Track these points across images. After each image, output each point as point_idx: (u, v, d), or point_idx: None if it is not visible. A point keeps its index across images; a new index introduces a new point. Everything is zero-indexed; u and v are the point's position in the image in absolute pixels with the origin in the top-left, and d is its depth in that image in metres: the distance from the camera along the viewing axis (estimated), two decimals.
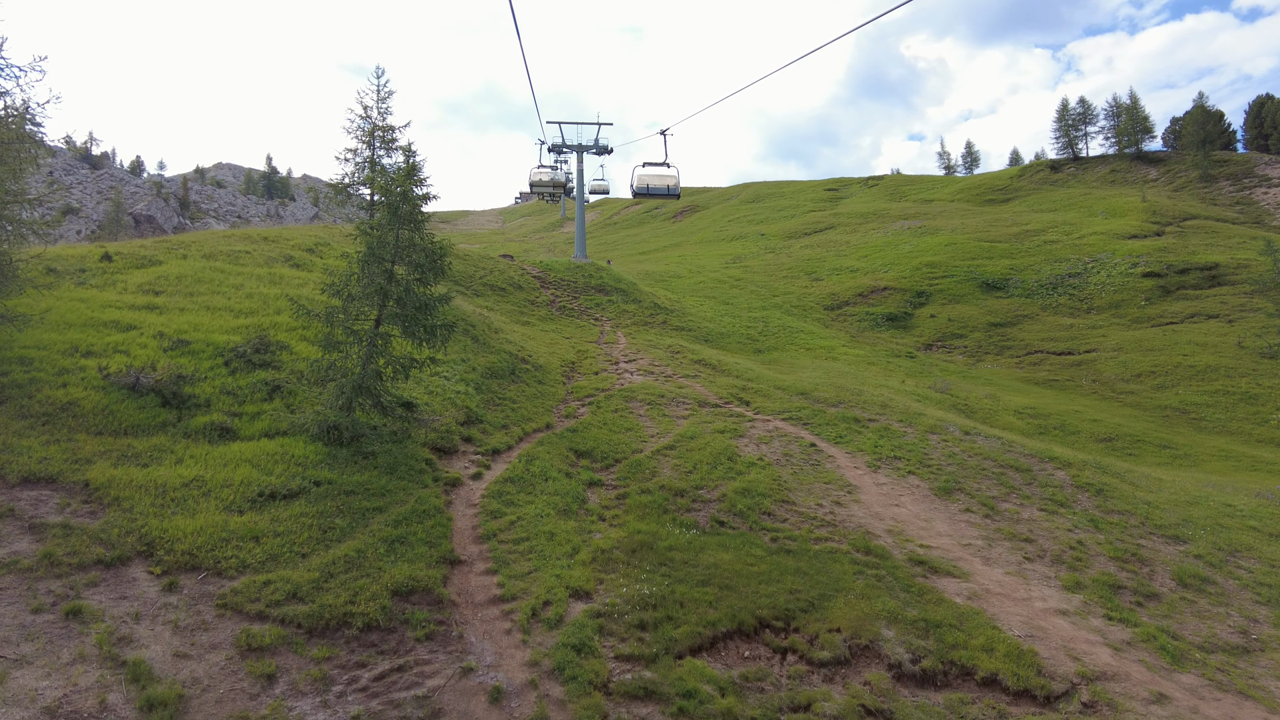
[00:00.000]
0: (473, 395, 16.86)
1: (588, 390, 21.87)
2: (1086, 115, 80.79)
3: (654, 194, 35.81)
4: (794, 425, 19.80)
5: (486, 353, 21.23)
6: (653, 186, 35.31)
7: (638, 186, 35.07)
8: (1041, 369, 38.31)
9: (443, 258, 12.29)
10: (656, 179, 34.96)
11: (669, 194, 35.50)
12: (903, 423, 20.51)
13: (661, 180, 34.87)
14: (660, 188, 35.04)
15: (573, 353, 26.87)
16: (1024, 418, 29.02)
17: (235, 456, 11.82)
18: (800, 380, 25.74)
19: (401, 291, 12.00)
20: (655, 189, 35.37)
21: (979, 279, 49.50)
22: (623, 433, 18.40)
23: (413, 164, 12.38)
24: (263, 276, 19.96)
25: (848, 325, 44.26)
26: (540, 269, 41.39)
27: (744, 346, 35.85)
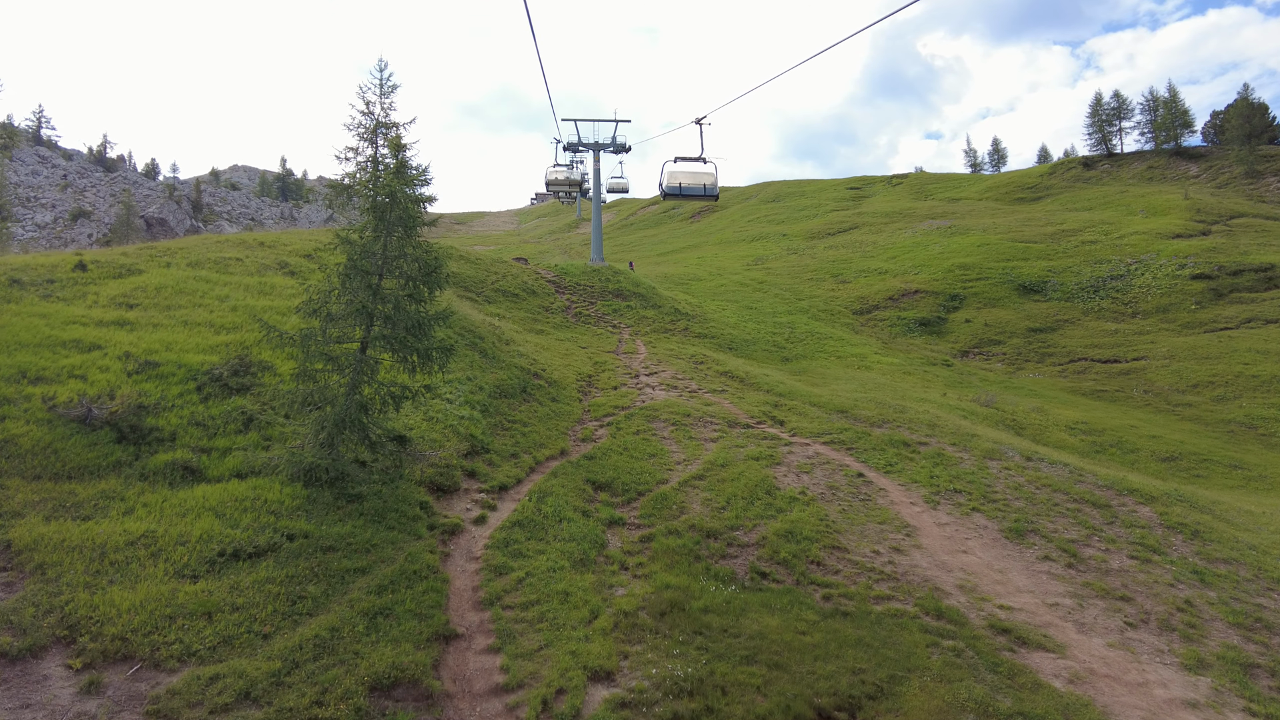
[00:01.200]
0: (478, 420, 15.06)
1: (606, 408, 20.02)
2: (1121, 110, 77.73)
3: (688, 195, 28.38)
4: (837, 450, 17.82)
5: (495, 368, 19.44)
6: (686, 186, 28.00)
7: (668, 186, 27.76)
8: (1087, 378, 35.96)
9: (439, 269, 10.50)
10: (691, 177, 27.76)
11: (705, 195, 28.28)
12: (956, 446, 18.47)
13: (697, 178, 27.75)
14: (695, 187, 27.86)
15: (589, 365, 25.05)
16: (1077, 434, 26.81)
17: (198, 503, 10.08)
18: (836, 395, 23.74)
19: (390, 309, 10.23)
20: (690, 189, 28.12)
21: (1015, 281, 47.12)
22: (645, 459, 16.54)
23: (402, 160, 10.60)
24: (252, 287, 18.29)
25: (878, 331, 42.09)
26: (555, 273, 39.65)
27: (770, 355, 33.87)
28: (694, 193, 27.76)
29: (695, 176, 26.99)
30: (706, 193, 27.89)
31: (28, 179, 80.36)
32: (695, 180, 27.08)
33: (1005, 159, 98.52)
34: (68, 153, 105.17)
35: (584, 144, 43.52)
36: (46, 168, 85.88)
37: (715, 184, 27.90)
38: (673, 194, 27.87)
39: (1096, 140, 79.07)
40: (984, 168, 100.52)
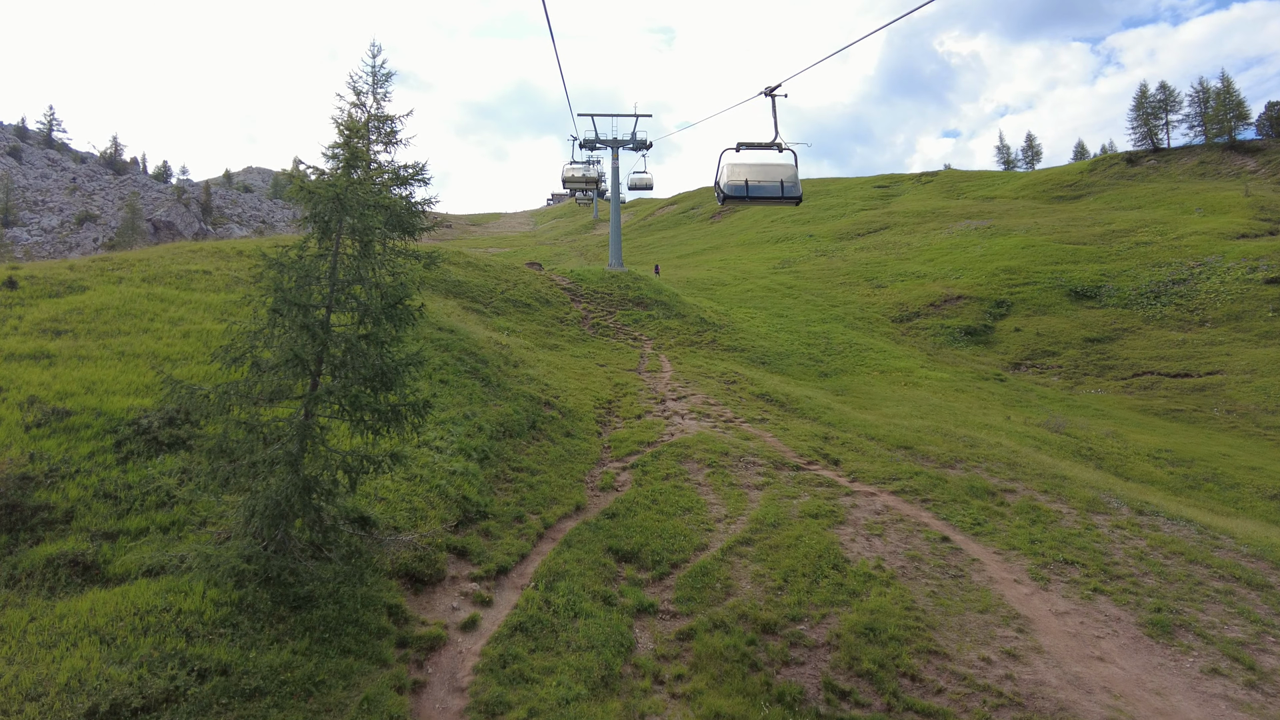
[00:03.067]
0: (474, 475, 12.22)
1: (630, 445, 17.13)
2: (1168, 102, 73.55)
3: (759, 197, 18.37)
4: (909, 503, 14.81)
5: (500, 399, 16.62)
6: (756, 185, 18.24)
7: (729, 185, 18.07)
8: (1156, 395, 32.54)
9: (404, 300, 7.65)
10: (761, 171, 18.27)
11: (783, 198, 18.30)
12: (1049, 495, 15.41)
13: (770, 173, 18.25)
14: (768, 186, 18.16)
15: (609, 387, 22.19)
16: (1162, 465, 23.56)
17: (79, 623, 7.34)
18: (893, 424, 20.69)
19: (341, 354, 7.45)
20: (761, 189, 18.23)
21: (1066, 286, 43.65)
22: (679, 515, 13.64)
23: (356, 149, 7.77)
24: (215, 306, 15.59)
25: (921, 341, 38.86)
26: (571, 279, 36.87)
27: (807, 370, 30.83)
28: (765, 194, 17.93)
29: (767, 171, 17.91)
30: (785, 194, 17.95)
31: (36, 182, 78.94)
32: (768, 176, 17.89)
33: (1040, 156, 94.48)
34: (81, 155, 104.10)
35: (602, 141, 40.69)
36: (56, 170, 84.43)
37: (796, 181, 18.16)
38: (735, 196, 17.85)
39: (1141, 134, 74.91)
40: (1017, 165, 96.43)
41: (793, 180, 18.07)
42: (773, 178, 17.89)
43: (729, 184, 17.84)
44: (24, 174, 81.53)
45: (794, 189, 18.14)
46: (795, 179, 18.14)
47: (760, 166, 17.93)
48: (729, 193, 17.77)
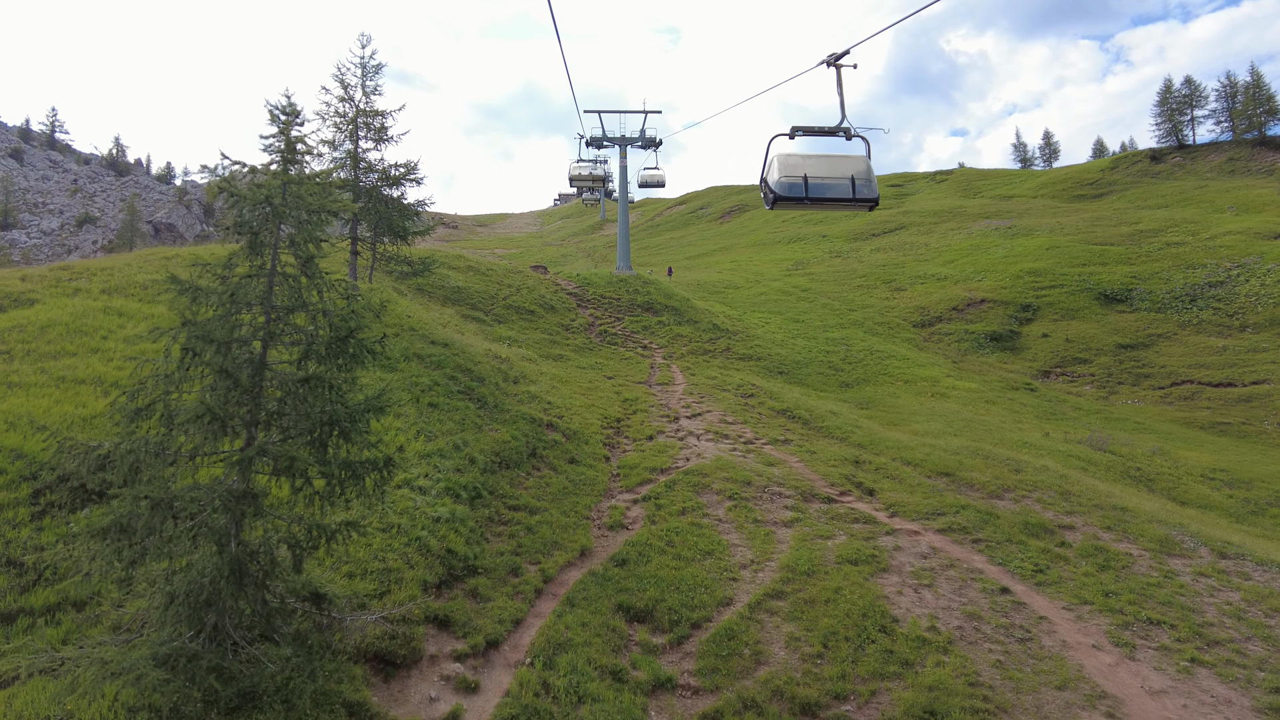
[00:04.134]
0: (463, 520, 10.57)
1: (641, 472, 15.46)
2: (1193, 97, 71.22)
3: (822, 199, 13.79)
4: (958, 543, 13.08)
5: (497, 422, 14.97)
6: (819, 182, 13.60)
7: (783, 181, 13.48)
8: (1198, 406, 30.62)
9: (355, 334, 5.98)
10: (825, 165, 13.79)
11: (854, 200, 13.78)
12: (1113, 532, 13.66)
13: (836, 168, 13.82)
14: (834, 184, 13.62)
15: (617, 402, 20.52)
16: (1218, 486, 21.72)
17: None
18: (925, 441, 18.94)
19: (278, 402, 5.82)
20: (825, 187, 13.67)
21: (1095, 289, 41.73)
22: (698, 560, 11.96)
23: (293, 140, 6.12)
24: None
25: (944, 347, 37.03)
26: (577, 283, 35.24)
27: (827, 379, 29.08)
28: (831, 194, 13.42)
29: (833, 164, 13.36)
30: (856, 194, 13.45)
31: (37, 184, 77.84)
32: (834, 171, 13.31)
33: (1058, 153, 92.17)
34: (85, 156, 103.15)
35: (609, 139, 39.09)
36: (57, 172, 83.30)
37: (871, 178, 13.53)
38: (790, 197, 13.38)
39: (1165, 131, 72.58)
40: (1034, 163, 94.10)
41: (866, 176, 13.26)
42: (840, 173, 13.18)
43: (782, 181, 12.96)
44: (25, 176, 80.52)
45: (868, 188, 13.28)
46: (870, 175, 13.30)
47: (823, 159, 13.27)
48: (782, 193, 12.97)
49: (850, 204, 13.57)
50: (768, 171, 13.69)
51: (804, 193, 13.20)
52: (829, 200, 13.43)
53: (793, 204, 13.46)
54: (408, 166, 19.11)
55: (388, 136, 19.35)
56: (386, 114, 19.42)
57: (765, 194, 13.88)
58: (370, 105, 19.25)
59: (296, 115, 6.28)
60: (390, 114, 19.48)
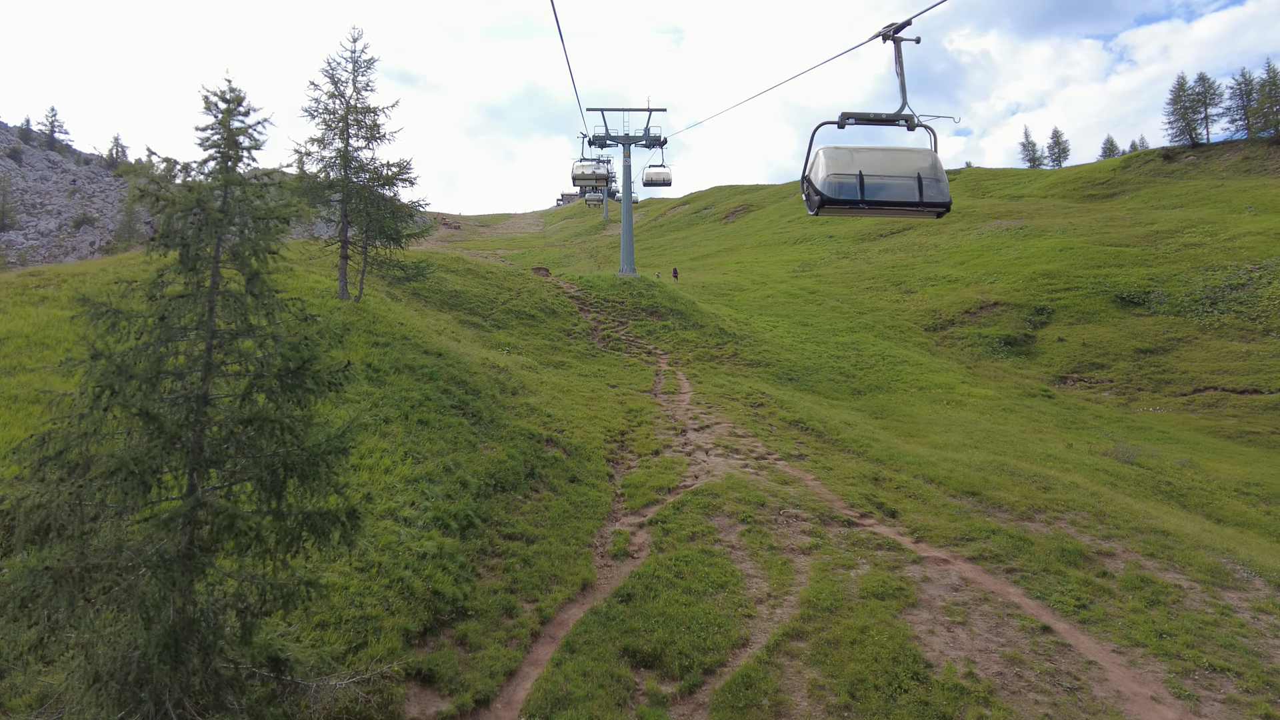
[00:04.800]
0: (451, 556, 9.60)
1: (647, 492, 14.46)
2: (1207, 95, 69.98)
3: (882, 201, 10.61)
4: (990, 573, 12.07)
5: (492, 439, 14.00)
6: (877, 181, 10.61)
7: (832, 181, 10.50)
8: (1224, 414, 29.53)
9: (309, 365, 5.00)
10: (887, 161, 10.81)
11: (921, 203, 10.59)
12: (1158, 560, 12.65)
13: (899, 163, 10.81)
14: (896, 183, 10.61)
15: (622, 414, 19.53)
16: (1254, 502, 20.66)
17: None
18: (946, 456, 17.93)
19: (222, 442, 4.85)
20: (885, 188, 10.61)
21: (1111, 292, 40.62)
22: (710, 594, 10.97)
23: (234, 131, 5.15)
24: None
25: (958, 352, 35.98)
26: (580, 286, 34.26)
27: (838, 386, 28.06)
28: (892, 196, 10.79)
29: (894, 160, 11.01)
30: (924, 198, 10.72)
31: (35, 184, 77.03)
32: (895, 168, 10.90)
33: (1067, 153, 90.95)
34: (84, 157, 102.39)
35: (613, 137, 38.10)
36: (56, 172, 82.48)
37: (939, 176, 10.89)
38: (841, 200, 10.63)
39: (1179, 129, 71.32)
40: (1043, 162, 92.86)
41: (934, 175, 10.42)
42: (902, 170, 10.49)
43: (831, 181, 10.30)
44: (23, 176, 79.76)
45: (937, 189, 10.38)
46: (939, 173, 10.45)
47: (882, 153, 10.68)
48: (830, 194, 10.31)
49: (915, 209, 10.64)
50: (812, 169, 10.88)
51: (858, 195, 10.34)
52: (889, 204, 10.58)
53: (843, 208, 10.57)
54: (400, 165, 18.16)
55: (380, 134, 18.41)
56: (379, 110, 18.48)
57: (809, 196, 11.09)
58: (362, 102, 18.30)
59: (239, 103, 5.30)
60: (383, 110, 18.55)
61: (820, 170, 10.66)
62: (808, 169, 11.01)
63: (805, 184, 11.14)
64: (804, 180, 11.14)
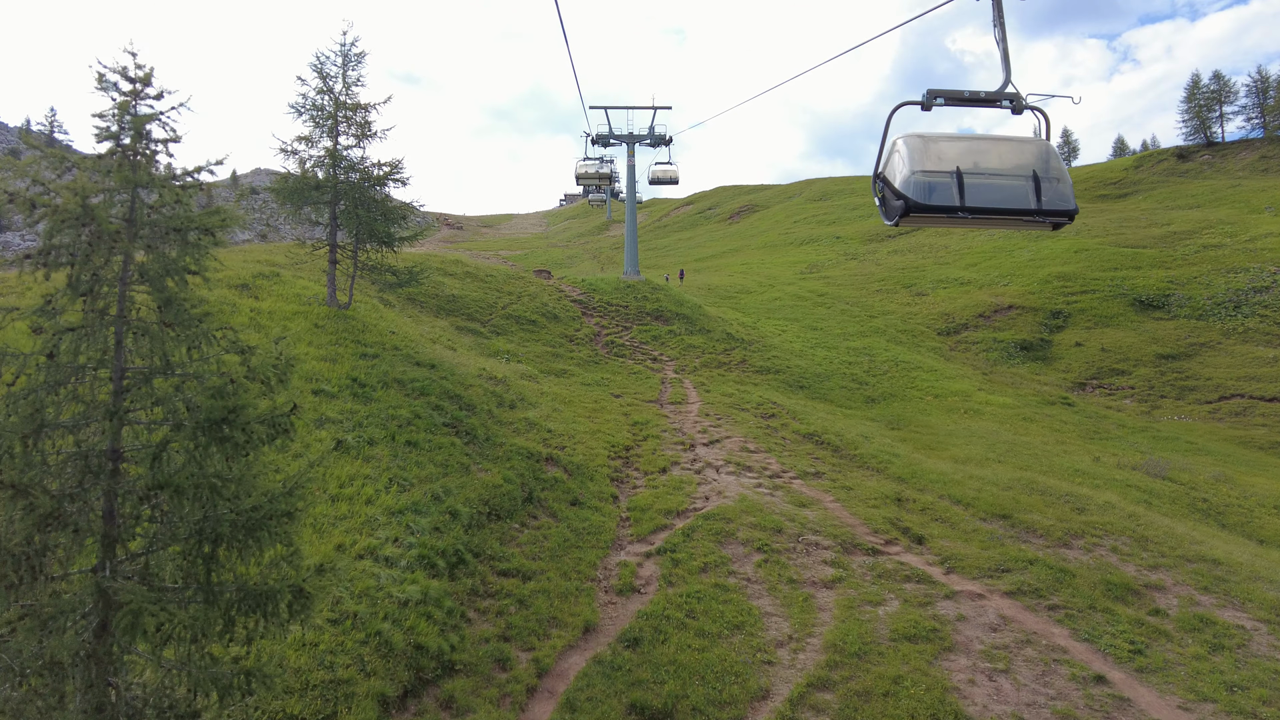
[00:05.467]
0: (438, 600, 8.57)
1: (654, 515, 13.43)
2: (1222, 93, 68.67)
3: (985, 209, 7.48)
4: (1031, 610, 11.01)
5: (487, 460, 12.98)
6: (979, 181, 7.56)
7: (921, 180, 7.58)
8: (1253, 424, 28.39)
9: (237, 414, 4.01)
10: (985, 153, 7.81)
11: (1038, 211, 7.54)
12: (1213, 595, 11.58)
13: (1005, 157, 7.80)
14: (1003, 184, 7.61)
15: (626, 426, 18.50)
16: None
17: None
18: (970, 473, 16.86)
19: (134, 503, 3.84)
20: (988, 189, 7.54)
21: (1129, 295, 39.47)
22: (726, 637, 9.94)
23: (141, 119, 4.15)
24: None
25: (972, 357, 34.88)
26: (583, 289, 33.24)
27: (851, 394, 27.00)
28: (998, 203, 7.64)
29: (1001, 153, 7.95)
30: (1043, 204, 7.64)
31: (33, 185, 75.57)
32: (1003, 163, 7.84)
33: (1077, 152, 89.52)
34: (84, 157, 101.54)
35: (616, 136, 37.07)
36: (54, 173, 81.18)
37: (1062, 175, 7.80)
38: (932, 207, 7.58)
39: (1193, 128, 69.99)
40: None
41: (1054, 173, 7.79)
42: (1011, 166, 7.84)
43: (918, 179, 7.70)
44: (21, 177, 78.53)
45: (1058, 191, 7.72)
46: (1060, 170, 7.84)
47: (984, 144, 8.03)
48: (918, 198, 7.65)
49: (1031, 218, 7.69)
50: (887, 164, 8.27)
51: (957, 198, 7.51)
52: (996, 213, 7.68)
53: (935, 217, 7.73)
54: (392, 165, 17.15)
55: (371, 132, 17.41)
56: (370, 107, 17.49)
57: (884, 201, 8.40)
58: (352, 98, 17.31)
59: (147, 82, 4.28)
60: (374, 107, 17.55)
61: (901, 166, 7.88)
62: (881, 164, 8.37)
63: (879, 184, 8.42)
64: (877, 180, 8.43)
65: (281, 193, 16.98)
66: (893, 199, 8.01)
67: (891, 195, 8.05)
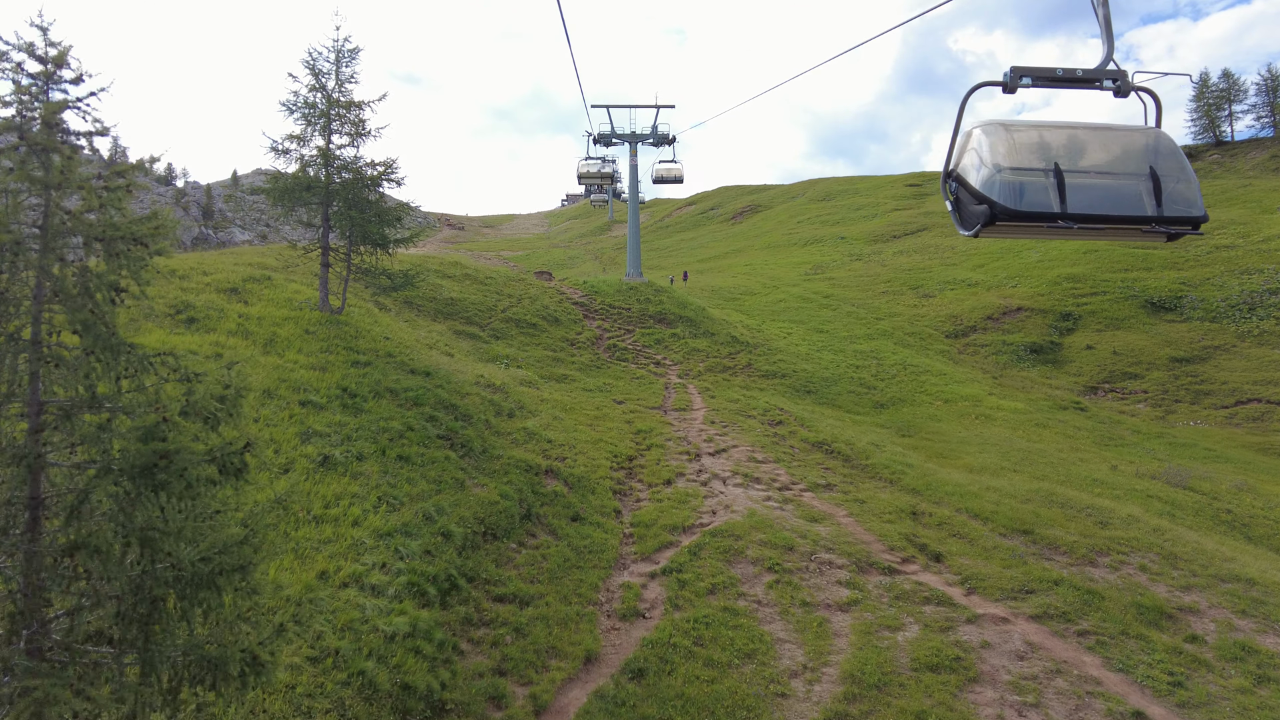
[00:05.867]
0: (428, 632, 7.97)
1: (659, 532, 12.81)
2: (1231, 91, 67.95)
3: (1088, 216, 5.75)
4: (1060, 636, 10.37)
5: (483, 474, 12.37)
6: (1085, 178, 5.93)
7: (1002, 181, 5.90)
8: (1272, 429, 27.72)
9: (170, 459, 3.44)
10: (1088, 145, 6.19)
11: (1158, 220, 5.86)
12: (1253, 619, 10.96)
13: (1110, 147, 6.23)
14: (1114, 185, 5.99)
15: (629, 435, 17.89)
16: None
17: None
18: (986, 483, 16.23)
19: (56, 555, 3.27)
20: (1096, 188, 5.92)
21: (1141, 297, 38.82)
22: (737, 667, 9.32)
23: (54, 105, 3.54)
24: None
25: (981, 360, 34.23)
26: (584, 292, 32.64)
27: (859, 399, 26.37)
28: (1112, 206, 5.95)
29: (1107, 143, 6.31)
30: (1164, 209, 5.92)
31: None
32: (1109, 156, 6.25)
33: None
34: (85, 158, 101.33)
35: (618, 135, 36.46)
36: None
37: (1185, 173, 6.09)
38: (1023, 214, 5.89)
39: (1201, 127, 69.25)
40: None
41: (1175, 171, 6.12)
42: (1120, 163, 6.23)
43: (1005, 179, 6.02)
44: None
45: (1182, 196, 6.08)
46: (1182, 168, 6.17)
47: (1082, 134, 6.34)
48: (1006, 202, 5.94)
49: (1148, 228, 6.00)
50: (961, 159, 6.56)
51: (1056, 202, 5.86)
52: (1108, 220, 5.96)
53: (1028, 226, 6.05)
54: (386, 165, 16.56)
55: (365, 131, 16.81)
56: (364, 105, 16.89)
57: (959, 204, 6.58)
58: (345, 95, 16.72)
59: (62, 63, 3.66)
60: (369, 105, 16.95)
61: (981, 161, 6.17)
62: (953, 161, 6.60)
63: (952, 185, 6.62)
64: (948, 179, 6.65)
65: (272, 193, 16.40)
66: (971, 203, 6.20)
67: (969, 198, 6.23)
